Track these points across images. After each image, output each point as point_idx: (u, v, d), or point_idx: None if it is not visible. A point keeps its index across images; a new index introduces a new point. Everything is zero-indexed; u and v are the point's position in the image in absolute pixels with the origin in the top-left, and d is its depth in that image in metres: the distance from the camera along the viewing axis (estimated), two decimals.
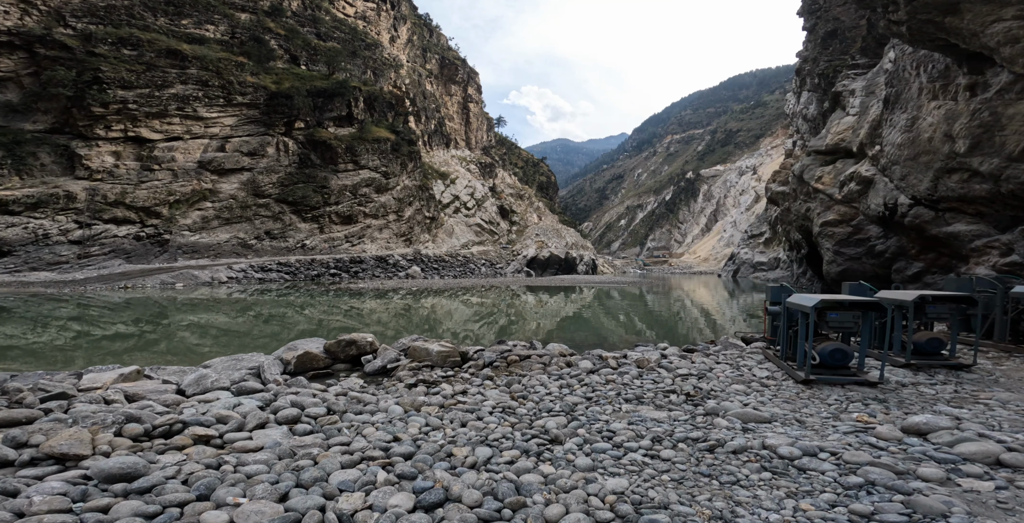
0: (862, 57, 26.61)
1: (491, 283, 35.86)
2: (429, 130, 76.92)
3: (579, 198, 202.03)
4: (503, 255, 60.86)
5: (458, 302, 19.17)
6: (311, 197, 38.53)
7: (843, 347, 4.97)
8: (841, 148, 19.99)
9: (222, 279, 25.76)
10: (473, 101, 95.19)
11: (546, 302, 20.31)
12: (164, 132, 31.14)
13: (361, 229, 42.70)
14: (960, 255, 11.85)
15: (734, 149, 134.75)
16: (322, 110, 42.01)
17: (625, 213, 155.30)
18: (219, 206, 33.36)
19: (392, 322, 13.09)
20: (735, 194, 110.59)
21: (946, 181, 11.72)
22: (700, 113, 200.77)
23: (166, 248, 30.24)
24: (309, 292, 22.30)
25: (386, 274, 37.39)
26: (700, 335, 11.33)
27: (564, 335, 11.13)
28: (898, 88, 14.89)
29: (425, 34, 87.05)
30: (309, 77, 42.69)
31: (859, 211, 16.51)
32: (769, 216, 58.06)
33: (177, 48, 32.39)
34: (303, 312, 15.15)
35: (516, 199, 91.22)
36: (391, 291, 24.01)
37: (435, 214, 56.74)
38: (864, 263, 15.53)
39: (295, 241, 37.18)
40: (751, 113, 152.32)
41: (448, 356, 6.59)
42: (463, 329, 12.08)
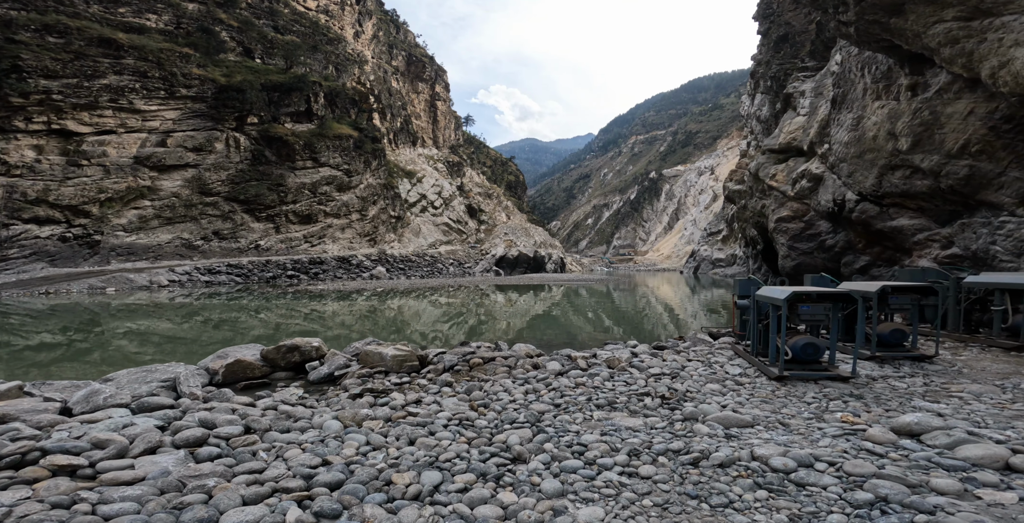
0: (811, 60, 27.81)
1: (459, 283, 35.22)
2: (395, 128, 75.02)
3: (547, 197, 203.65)
4: (471, 254, 60.18)
5: (425, 303, 18.52)
6: (266, 195, 36.50)
7: (815, 341, 4.87)
8: (793, 147, 20.78)
9: (162, 282, 23.83)
10: (441, 99, 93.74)
11: (515, 301, 20.00)
12: (94, 125, 28.51)
13: (322, 229, 40.91)
14: (903, 248, 12.46)
15: (694, 150, 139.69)
16: (278, 105, 39.96)
17: (592, 212, 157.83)
18: (160, 204, 30.94)
19: (357, 324, 12.37)
20: (695, 193, 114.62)
21: (890, 177, 12.28)
22: (663, 115, 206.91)
23: (97, 250, 27.72)
24: (264, 295, 21.00)
25: (349, 275, 35.97)
26: (668, 331, 11.33)
27: (533, 335, 10.82)
28: (844, 89, 15.53)
29: (392, 30, 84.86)
30: (264, 71, 40.46)
31: (810, 207, 17.17)
32: (726, 214, 60.36)
33: (111, 37, 29.78)
34: (258, 316, 14.07)
35: (484, 198, 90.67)
36: (355, 293, 23.00)
37: (401, 213, 55.32)
38: (816, 257, 16.16)
39: (248, 242, 35.09)
40: (709, 115, 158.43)
41: (404, 360, 6.08)
42: (430, 330, 11.55)
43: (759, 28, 40.18)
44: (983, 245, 9.93)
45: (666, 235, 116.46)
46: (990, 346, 6.12)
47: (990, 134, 9.39)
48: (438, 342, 10.11)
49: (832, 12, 11.21)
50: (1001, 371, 5.19)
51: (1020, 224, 9.10)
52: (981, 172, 9.74)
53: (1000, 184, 9.47)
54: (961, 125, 9.89)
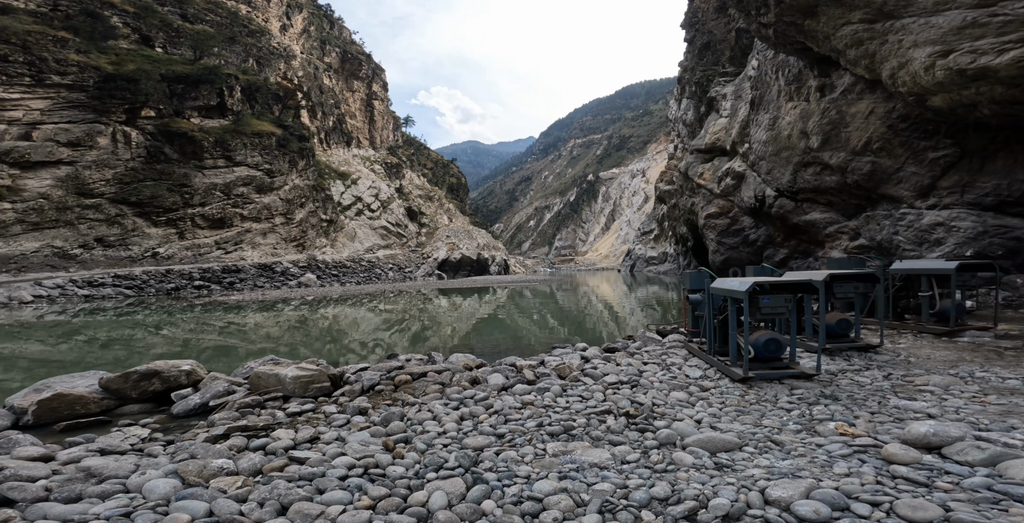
0: (731, 65, 29.69)
1: (400, 288, 33.39)
2: (327, 127, 70.58)
3: (490, 200, 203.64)
4: (412, 258, 57.90)
5: (360, 310, 16.90)
6: (165, 197, 32.18)
7: (777, 337, 4.48)
8: (717, 147, 21.82)
9: (24, 298, 19.85)
10: (378, 98, 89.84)
11: (458, 305, 18.98)
12: None
13: (238, 234, 36.94)
14: (817, 241, 13.24)
15: (627, 153, 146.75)
16: (183, 98, 35.65)
17: (534, 214, 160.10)
18: (23, 207, 26.05)
19: (285, 337, 10.72)
20: (628, 195, 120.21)
21: (803, 174, 12.97)
22: (599, 119, 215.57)
23: None
24: (166, 308, 18.19)
25: (272, 284, 32.72)
26: (615, 330, 10.96)
27: (475, 341, 9.92)
28: (761, 91, 16.38)
29: (325, 26, 79.95)
30: (166, 61, 35.91)
31: (735, 204, 17.99)
32: (657, 214, 63.63)
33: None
34: (159, 332, 12.02)
35: (425, 201, 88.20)
36: (279, 302, 20.70)
37: (334, 217, 51.83)
38: (741, 251, 16.89)
39: (143, 249, 30.68)
40: (640, 120, 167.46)
41: (310, 382, 4.94)
42: (361, 342, 10.23)
43: (686, 36, 42.52)
44: (887, 235, 10.64)
45: (604, 235, 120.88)
46: (921, 332, 6.25)
47: (889, 132, 10.04)
48: (372, 356, 8.89)
49: (754, 14, 11.58)
50: (947, 359, 5.18)
51: (919, 215, 9.81)
52: (882, 168, 10.42)
53: (899, 178, 10.17)
54: (863, 124, 10.53)
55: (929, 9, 7.44)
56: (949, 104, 7.97)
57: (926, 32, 7.56)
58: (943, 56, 7.36)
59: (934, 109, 8.32)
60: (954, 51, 7.21)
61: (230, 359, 8.36)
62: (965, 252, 8.67)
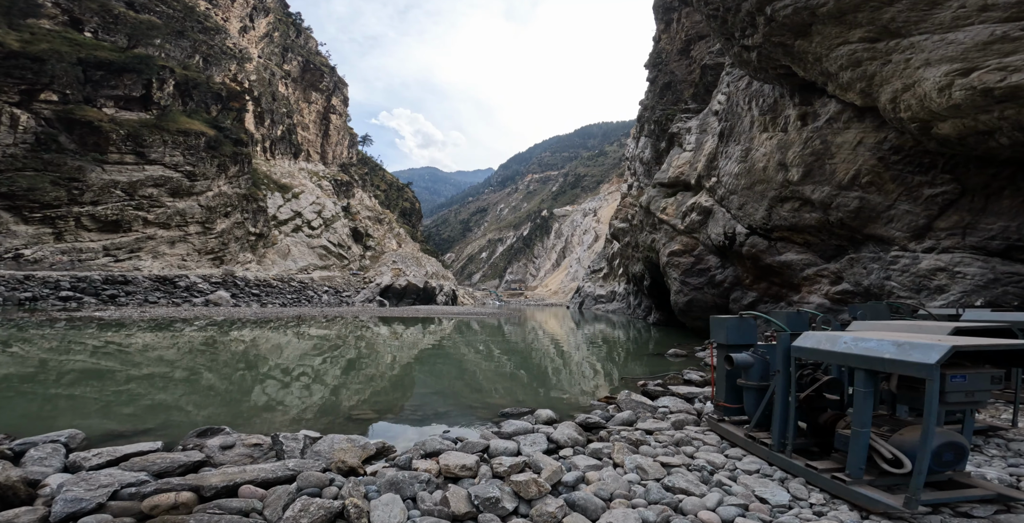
0: (693, 102, 30.76)
1: (333, 313, 29.46)
2: (274, 135, 66.15)
3: (443, 228, 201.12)
4: (352, 282, 53.32)
5: (268, 338, 13.41)
6: (46, 191, 26.84)
7: (957, 438, 2.44)
8: (681, 181, 21.32)
9: None
10: (336, 113, 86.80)
11: (397, 336, 15.98)
12: None
13: (137, 240, 31.48)
14: (791, 284, 12.17)
15: (581, 192, 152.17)
16: (98, 85, 31.18)
17: (487, 246, 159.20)
18: None
19: (184, 360, 7.32)
20: (580, 233, 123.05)
21: (779, 210, 12.04)
22: (557, 156, 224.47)
23: None
24: (14, 322, 13.99)
25: (171, 300, 27.60)
26: (579, 381, 8.68)
27: (396, 394, 7.22)
28: (732, 122, 15.92)
29: (291, 33, 77.05)
30: (91, 46, 31.60)
31: (699, 241, 17.03)
32: (607, 253, 64.33)
33: None
34: (5, 351, 8.95)
35: (374, 223, 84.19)
36: (181, 322, 16.78)
37: (265, 231, 46.80)
38: (706, 293, 15.69)
39: (3, 249, 24.81)
40: (596, 160, 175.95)
41: None
42: (224, 386, 7.16)
43: (648, 75, 44.40)
44: (876, 280, 9.59)
45: (554, 272, 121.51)
46: None
47: (879, 165, 9.21)
48: (202, 414, 5.94)
49: (737, 36, 10.82)
50: None
51: (915, 259, 8.82)
52: (871, 204, 9.51)
53: (890, 217, 9.27)
54: (851, 155, 9.71)
55: (947, 24, 6.68)
56: (959, 131, 7.12)
57: (942, 49, 6.76)
58: (963, 75, 6.51)
59: (940, 138, 7.49)
60: (977, 69, 6.37)
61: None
62: (974, 301, 7.69)
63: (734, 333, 3.92)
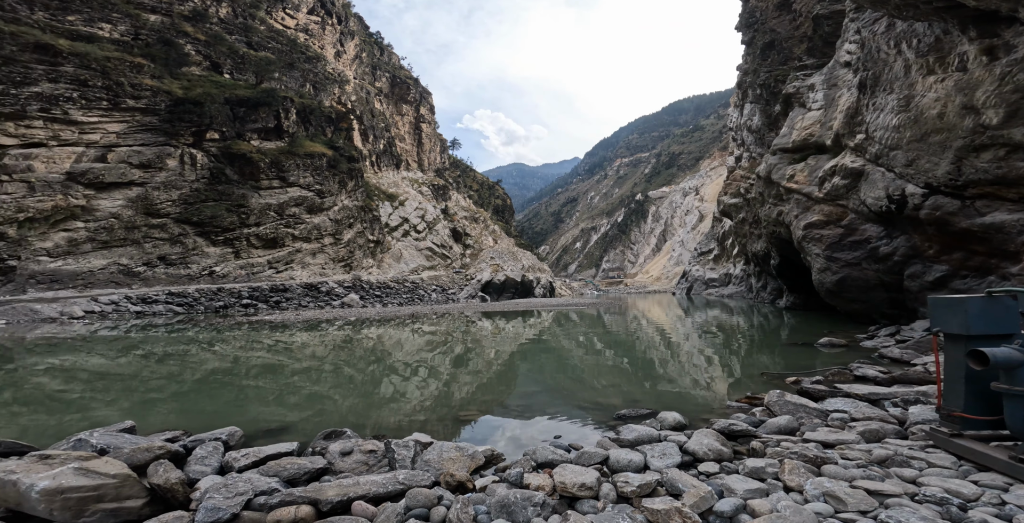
0: (809, 57, 26.80)
1: (441, 310, 31.74)
2: (378, 150, 73.03)
3: (535, 222, 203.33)
4: (456, 280, 56.76)
5: (390, 334, 15.03)
6: (224, 217, 33.00)
7: None
8: (811, 144, 18.45)
9: (75, 314, 19.86)
10: (426, 121, 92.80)
11: (500, 331, 16.65)
12: (21, 137, 25.15)
13: (289, 254, 37.27)
14: (1005, 252, 9.63)
15: (677, 171, 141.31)
16: (244, 121, 37.24)
17: (580, 236, 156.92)
18: (95, 226, 27.21)
19: (330, 356, 9.01)
20: (681, 214, 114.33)
21: (973, 161, 9.61)
22: (646, 137, 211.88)
23: (11, 277, 23.69)
24: (214, 326, 17.53)
25: (316, 303, 32.20)
26: (700, 375, 8.03)
27: (504, 393, 7.43)
28: (875, 70, 13.36)
29: (376, 52, 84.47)
30: (231, 86, 38.00)
31: (848, 209, 14.51)
32: (716, 233, 58.58)
33: (50, 43, 26.94)
34: (210, 348, 11.25)
35: (470, 222, 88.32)
36: (325, 322, 19.58)
37: (380, 238, 52.06)
38: (866, 269, 13.29)
39: (200, 268, 31.25)
40: (691, 137, 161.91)
41: (94, 499, 2.45)
42: (349, 383, 8.09)
43: (743, 38, 39.58)
44: None
45: (655, 257, 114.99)
46: None
47: None
48: (327, 413, 6.64)
49: None
50: None
51: None
52: None
53: None
54: None
55: None
56: None
57: None
58: None
59: None
60: None
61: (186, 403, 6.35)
62: None
63: (980, 319, 3.08)
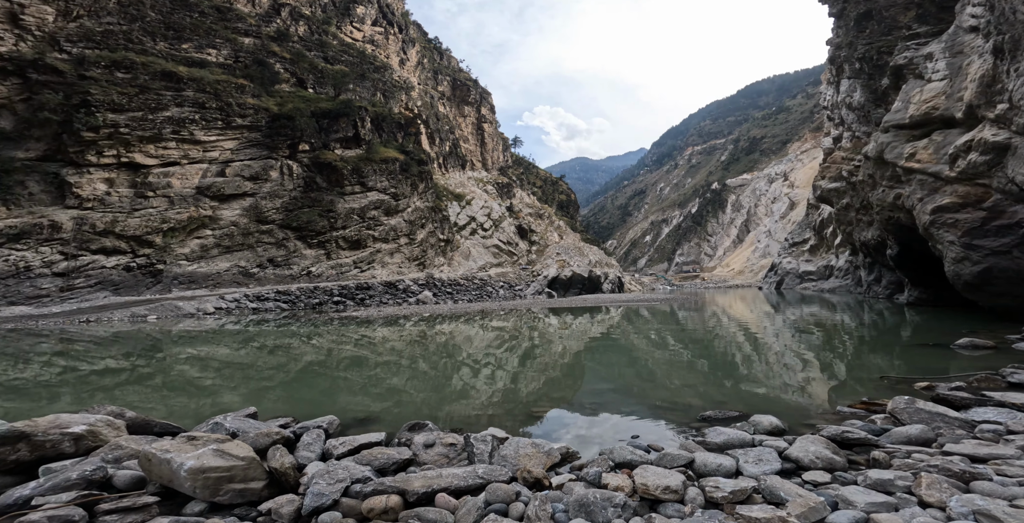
0: (920, 25, 23.51)
1: (509, 306, 32.25)
2: (444, 152, 75.86)
3: (601, 216, 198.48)
4: (522, 276, 57.28)
5: (463, 329, 15.57)
6: (317, 222, 36.33)
7: None
8: (935, 117, 15.83)
9: (208, 310, 23.09)
10: (487, 121, 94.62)
11: (567, 326, 16.48)
12: (160, 157, 29.67)
13: (370, 254, 40.11)
14: None
15: (760, 157, 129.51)
16: (328, 131, 40.58)
17: (650, 228, 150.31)
18: (219, 233, 31.34)
19: (407, 350, 9.82)
20: (767, 202, 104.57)
21: None
22: (720, 123, 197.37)
23: (159, 279, 28.09)
24: (312, 321, 19.50)
25: (395, 300, 34.32)
26: (803, 380, 7.20)
27: (572, 390, 7.25)
28: (1012, 33, 11.40)
29: (435, 57, 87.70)
30: (315, 99, 41.64)
31: (991, 188, 12.23)
32: (812, 221, 52.55)
33: (173, 70, 31.40)
34: (309, 341, 12.63)
35: (535, 219, 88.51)
36: (402, 318, 20.86)
37: (450, 236, 54.08)
38: (1018, 258, 11.11)
39: (300, 268, 34.73)
40: (774, 119, 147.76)
41: (227, 479, 2.71)
42: (430, 375, 8.41)
43: (830, 10, 35.44)
44: None
45: (736, 249, 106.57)
46: None
47: None
48: (407, 405, 6.87)
49: None
50: None
51: None
52: None
53: None
54: None
55: None
56: None
57: None
58: None
59: None
60: None
61: (292, 390, 7.00)
62: None
63: None
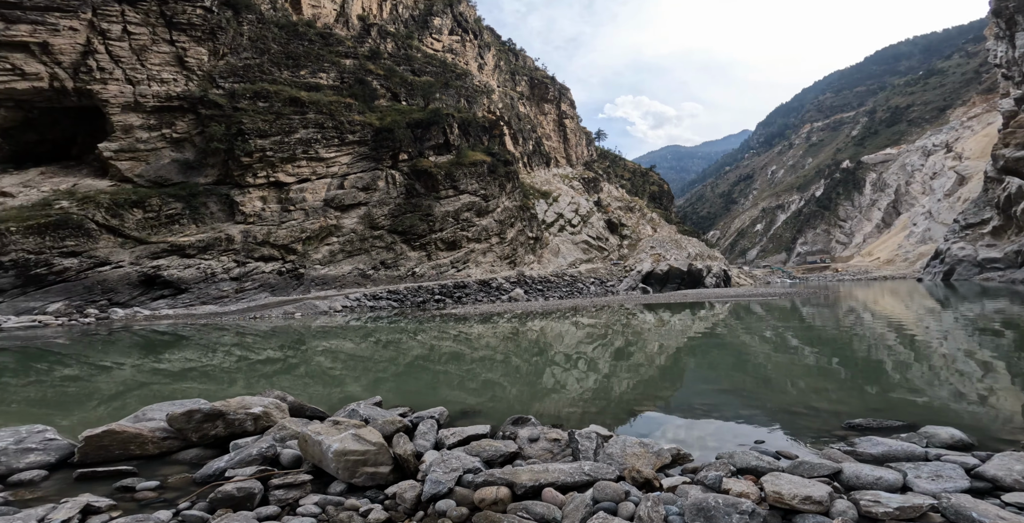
0: None
1: (601, 302, 31.22)
2: (528, 151, 76.57)
3: (700, 205, 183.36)
4: (614, 272, 55.17)
5: (558, 325, 15.32)
6: (418, 225, 39.16)
7: None
8: None
9: (337, 308, 26.31)
10: (568, 117, 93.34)
11: (665, 323, 15.23)
12: (296, 175, 34.41)
13: (465, 254, 42.03)
14: None
15: (908, 127, 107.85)
16: (421, 140, 43.39)
17: (761, 216, 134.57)
18: (343, 240, 35.46)
19: (501, 346, 10.20)
20: (923, 179, 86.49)
21: None
22: (845, 94, 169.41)
23: (302, 281, 32.72)
24: (417, 318, 21.16)
25: (489, 298, 35.46)
26: (977, 386, 5.49)
27: (679, 389, 6.44)
28: None
29: (511, 58, 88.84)
30: (408, 111, 44.84)
31: None
32: (994, 197, 41.81)
33: (297, 96, 36.05)
34: (415, 337, 13.77)
35: (625, 212, 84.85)
36: (496, 315, 21.51)
37: (539, 234, 54.31)
38: None
39: (406, 269, 37.81)
40: (923, 84, 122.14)
41: (362, 463, 3.06)
42: (531, 369, 8.17)
43: None
44: None
45: (880, 235, 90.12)
46: None
47: None
48: (509, 399, 6.57)
49: None
50: None
51: None
52: None
53: None
54: None
55: None
56: None
57: None
58: None
59: None
60: None
61: (401, 382, 7.28)
62: None
63: None
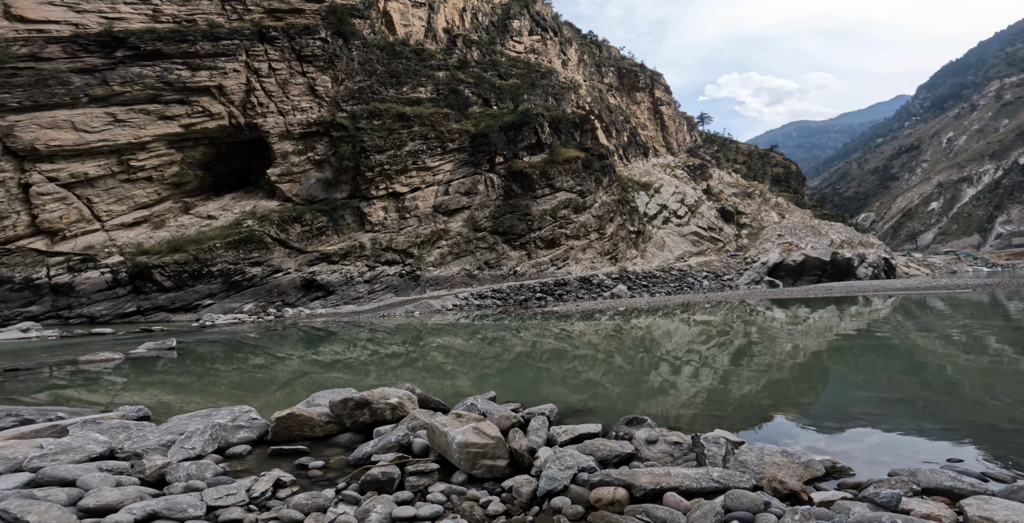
0: None
1: (717, 298, 28.34)
2: (622, 142, 73.38)
3: (843, 185, 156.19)
4: (731, 264, 49.73)
5: (665, 323, 14.28)
6: (517, 225, 40.26)
7: None
8: None
9: (448, 307, 28.43)
10: (664, 104, 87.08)
11: (800, 319, 13.08)
12: (408, 185, 38.15)
13: (564, 251, 41.87)
14: None
15: None
16: (514, 142, 44.43)
17: (937, 192, 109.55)
18: (451, 243, 38.24)
19: (604, 344, 10.03)
20: None
21: None
22: None
23: (418, 282, 36.18)
24: (519, 316, 21.81)
25: (590, 295, 34.73)
26: None
27: (829, 395, 5.40)
28: None
29: (594, 51, 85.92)
30: (499, 115, 46.31)
31: None
32: None
33: (402, 111, 39.79)
34: (519, 334, 14.28)
35: (742, 198, 76.08)
36: (598, 312, 21.10)
37: (640, 228, 51.54)
38: None
39: (508, 269, 39.14)
40: None
41: (481, 456, 3.20)
42: (644, 369, 7.61)
43: None
44: None
45: None
46: None
47: None
48: (645, 398, 6.08)
49: None
50: None
51: None
52: None
53: None
54: None
55: None
56: None
57: None
58: None
59: None
60: None
61: (509, 377, 7.32)
62: None
63: None
